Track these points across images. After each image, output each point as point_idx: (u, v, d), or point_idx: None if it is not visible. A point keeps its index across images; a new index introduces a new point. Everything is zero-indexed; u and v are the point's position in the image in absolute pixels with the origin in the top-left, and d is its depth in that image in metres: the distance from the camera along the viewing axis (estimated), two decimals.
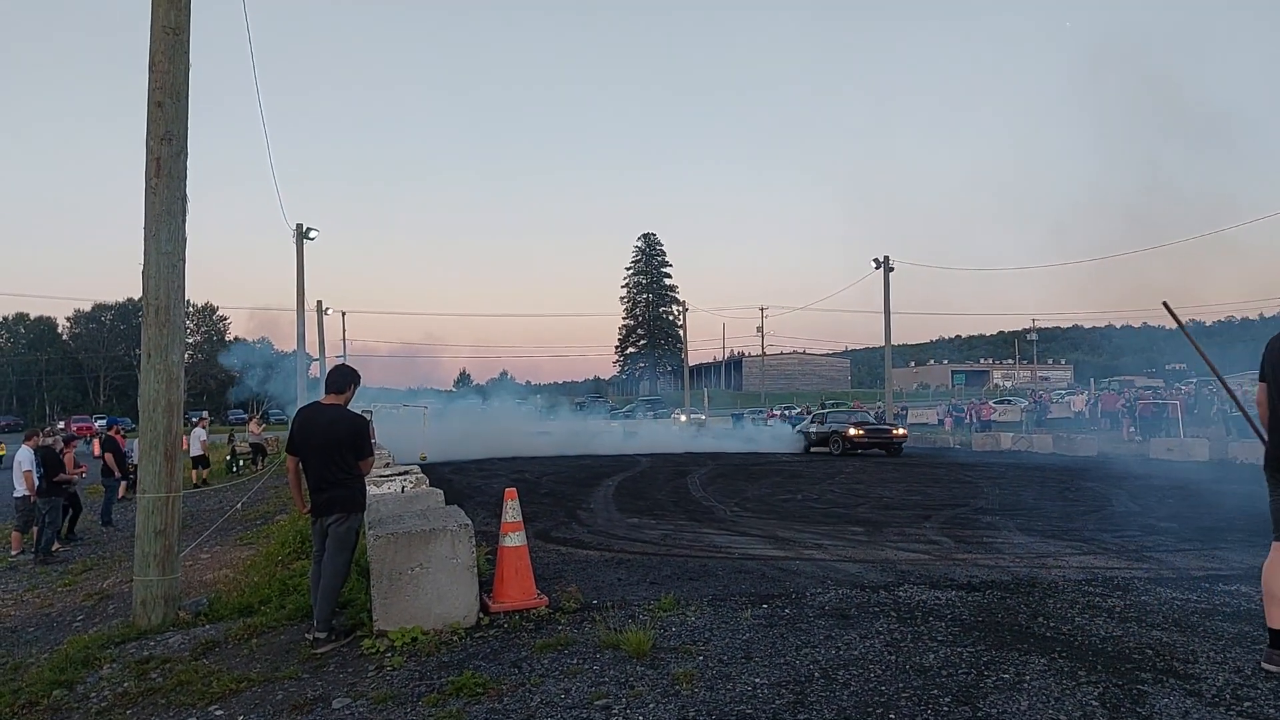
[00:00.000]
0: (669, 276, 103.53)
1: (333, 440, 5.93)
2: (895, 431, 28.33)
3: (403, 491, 8.72)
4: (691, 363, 78.43)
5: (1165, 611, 5.77)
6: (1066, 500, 13.03)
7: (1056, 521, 10.59)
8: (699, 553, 8.54)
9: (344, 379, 6.22)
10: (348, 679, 5.15)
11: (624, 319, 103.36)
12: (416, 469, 10.48)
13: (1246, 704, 4.01)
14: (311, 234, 34.73)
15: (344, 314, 53.45)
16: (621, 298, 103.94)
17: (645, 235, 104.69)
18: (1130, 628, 5.36)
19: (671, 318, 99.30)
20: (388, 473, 9.98)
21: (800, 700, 4.34)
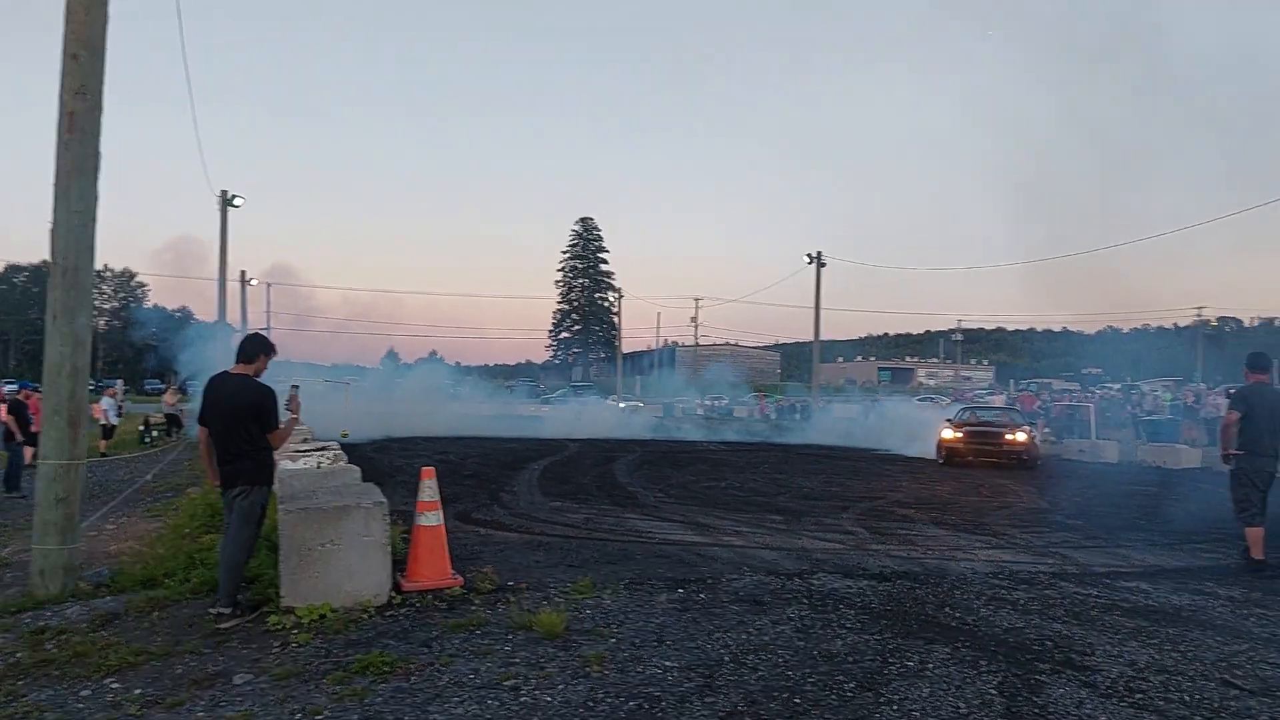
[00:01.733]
0: (605, 262, 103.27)
1: (238, 410, 5.78)
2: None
3: (318, 467, 8.53)
4: (625, 350, 78.47)
5: (1067, 605, 5.93)
6: (980, 496, 13.32)
7: (969, 516, 10.82)
8: (620, 537, 8.54)
9: (254, 348, 6.05)
10: (251, 655, 5.03)
11: (559, 303, 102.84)
12: (335, 445, 10.28)
13: (1138, 695, 4.13)
14: (236, 201, 33.87)
15: (269, 285, 52.14)
16: (557, 281, 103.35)
17: (583, 220, 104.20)
18: (1032, 620, 5.49)
19: (606, 304, 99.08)
20: (305, 448, 9.77)
21: (709, 684, 4.35)
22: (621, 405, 46.43)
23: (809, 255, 40.54)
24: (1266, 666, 4.58)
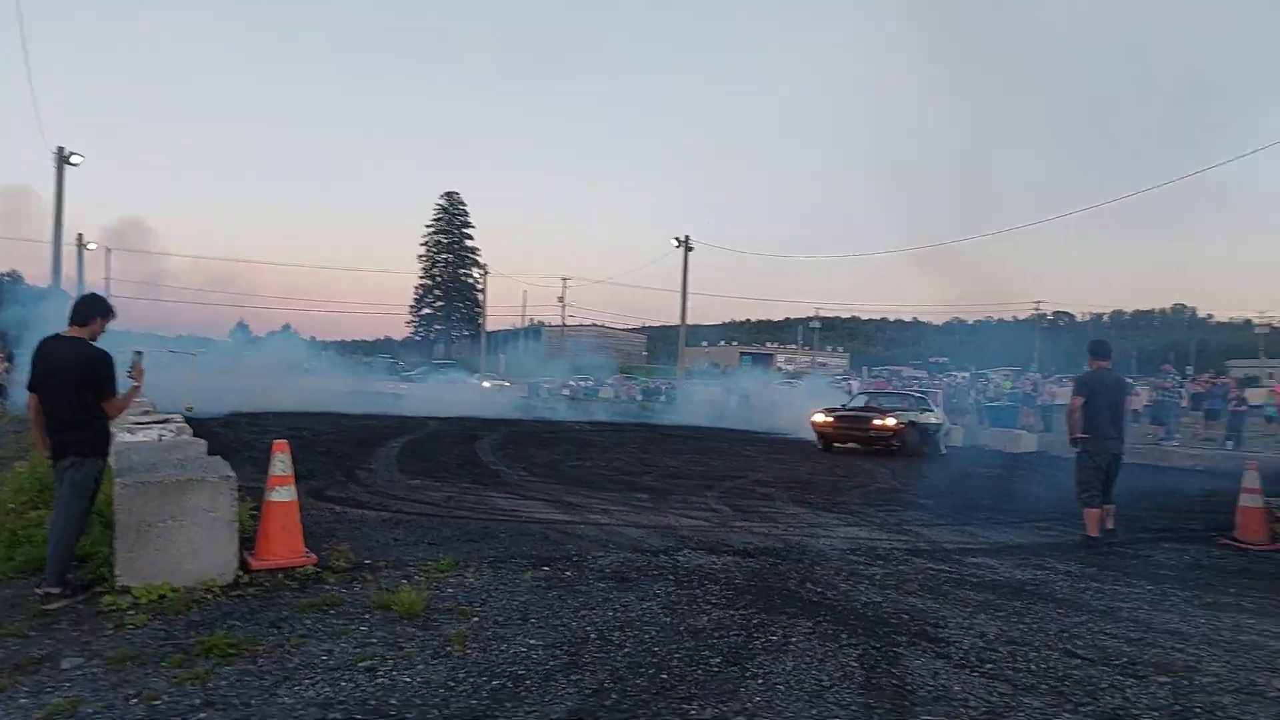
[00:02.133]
0: (471, 238, 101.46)
1: (71, 376, 5.34)
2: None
3: (160, 440, 8.03)
4: (490, 328, 77.51)
5: (920, 580, 6.12)
6: (836, 476, 13.71)
7: (826, 495, 11.10)
8: (482, 515, 8.36)
9: (89, 309, 5.60)
10: (81, 637, 4.66)
11: (421, 278, 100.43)
12: (178, 418, 9.70)
13: (989, 665, 4.27)
14: (74, 159, 31.67)
15: (109, 250, 48.97)
16: (420, 256, 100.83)
17: (448, 194, 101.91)
18: (889, 594, 5.64)
19: (471, 280, 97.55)
20: (145, 420, 9.18)
21: (574, 661, 4.28)
22: (486, 384, 45.88)
23: (677, 239, 40.90)
24: (1104, 637, 4.82)
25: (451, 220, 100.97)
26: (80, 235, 41.06)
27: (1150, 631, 4.97)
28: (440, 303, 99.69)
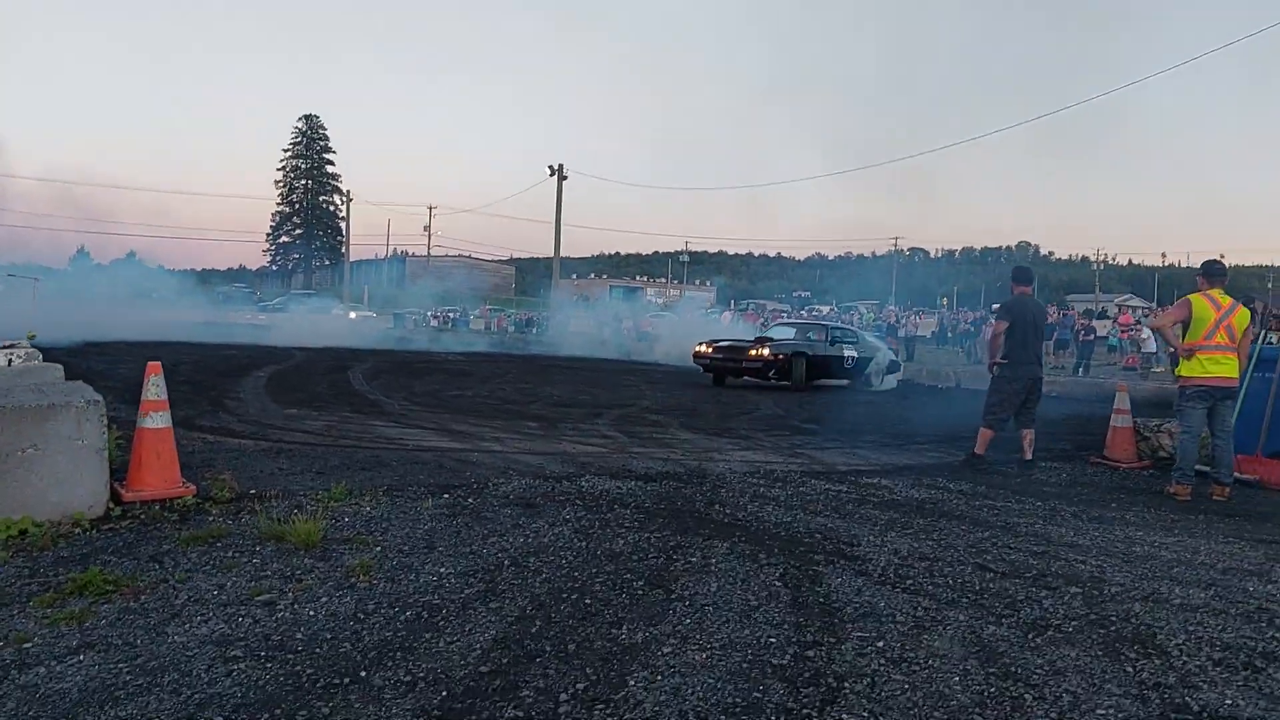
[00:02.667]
0: (332, 164, 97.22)
1: None
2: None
3: (9, 365, 7.31)
4: (354, 258, 74.87)
5: (824, 501, 6.16)
6: (721, 404, 13.81)
7: (715, 421, 11.15)
8: (369, 444, 8.00)
9: None
10: None
11: (279, 205, 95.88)
12: (26, 344, 8.89)
13: (909, 581, 4.29)
14: None
15: None
16: (277, 182, 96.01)
17: (307, 117, 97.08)
18: (797, 515, 5.64)
19: (332, 208, 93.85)
20: None
21: (491, 589, 4.09)
22: (352, 314, 44.44)
23: (550, 167, 40.21)
24: (1009, 551, 4.93)
25: (311, 144, 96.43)
26: None
27: (1051, 545, 5.11)
28: (299, 230, 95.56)
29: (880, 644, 3.49)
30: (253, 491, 5.68)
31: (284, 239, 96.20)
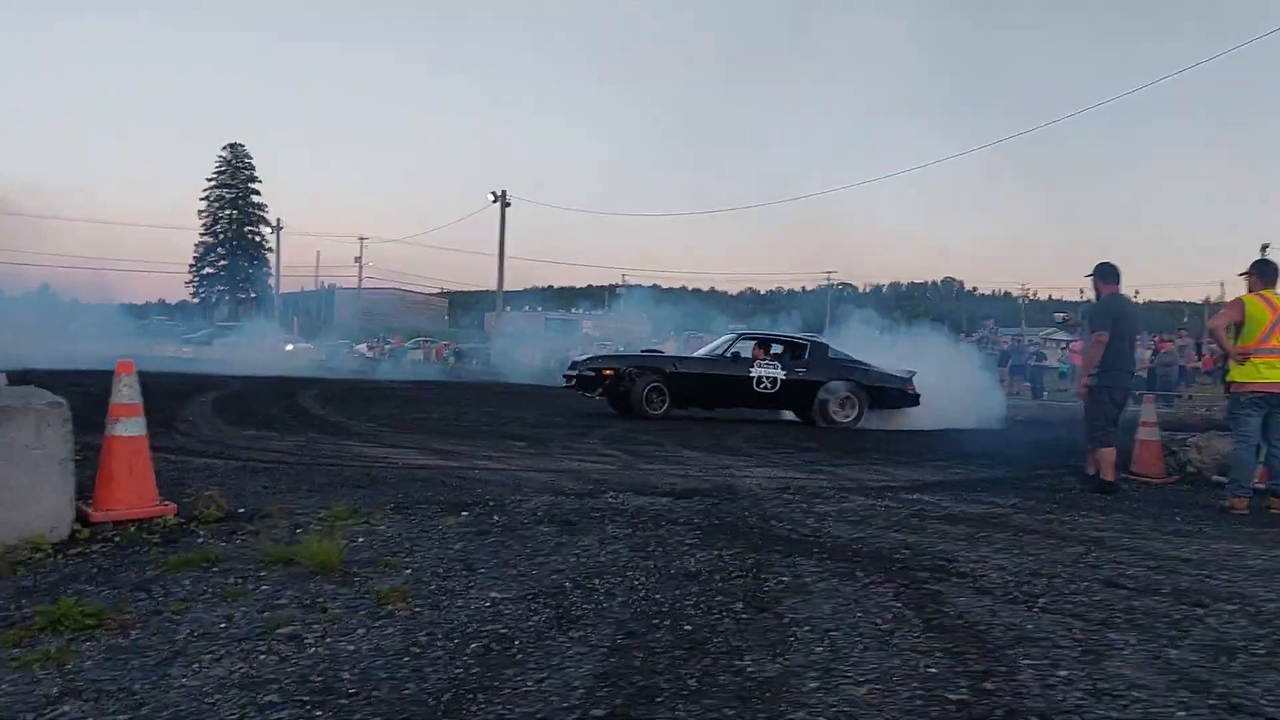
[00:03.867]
0: (258, 193, 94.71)
1: None
2: None
3: None
4: (282, 290, 72.84)
5: (883, 517, 5.57)
6: (712, 426, 13.08)
7: (711, 440, 10.50)
8: (353, 462, 7.21)
9: None
10: None
11: (202, 235, 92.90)
12: None
13: (1041, 600, 3.73)
14: None
15: None
16: (200, 211, 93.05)
17: (231, 145, 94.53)
18: (867, 531, 5.06)
19: (259, 239, 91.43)
20: None
21: (562, 616, 3.42)
22: (288, 346, 42.94)
23: (494, 193, 39.50)
24: (1122, 566, 4.40)
25: (236, 173, 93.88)
26: None
27: (1157, 559, 4.61)
28: (223, 262, 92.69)
29: (1062, 673, 2.90)
30: (242, 510, 4.90)
31: (207, 270, 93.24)
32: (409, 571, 3.96)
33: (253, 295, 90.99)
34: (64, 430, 4.32)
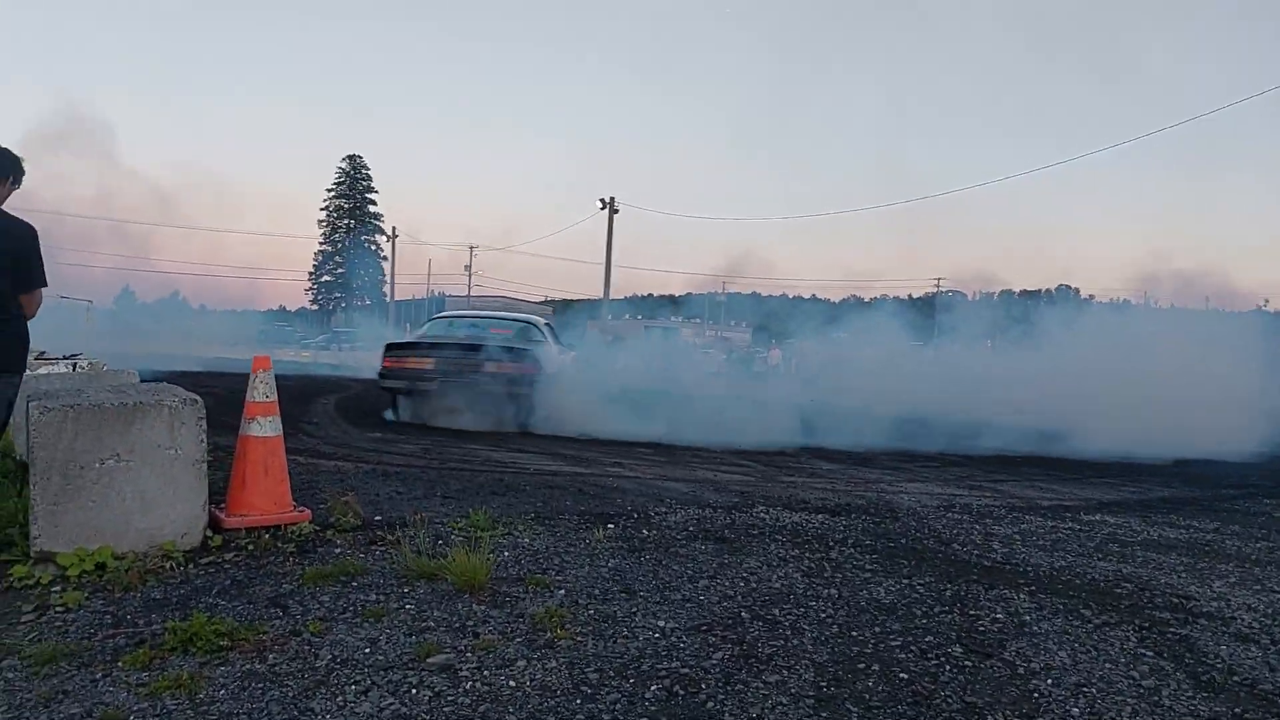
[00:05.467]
0: (374, 204, 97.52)
1: None
2: None
3: (74, 371, 6.32)
4: (396, 297, 74.60)
5: (1078, 542, 4.92)
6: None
7: (841, 449, 9.87)
8: (482, 467, 6.88)
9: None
10: None
11: (321, 244, 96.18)
12: (87, 356, 7.90)
13: None
14: None
15: None
16: (320, 221, 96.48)
17: (350, 157, 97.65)
18: (1071, 560, 4.43)
19: (375, 248, 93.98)
20: (49, 358, 7.40)
21: (747, 653, 2.95)
22: None
23: (602, 200, 39.47)
24: None
25: (354, 184, 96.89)
26: None
27: None
28: (341, 270, 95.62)
29: None
30: (379, 518, 4.58)
31: (325, 278, 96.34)
32: (562, 592, 3.55)
33: (367, 302, 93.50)
34: (198, 429, 4.05)
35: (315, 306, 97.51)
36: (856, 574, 3.89)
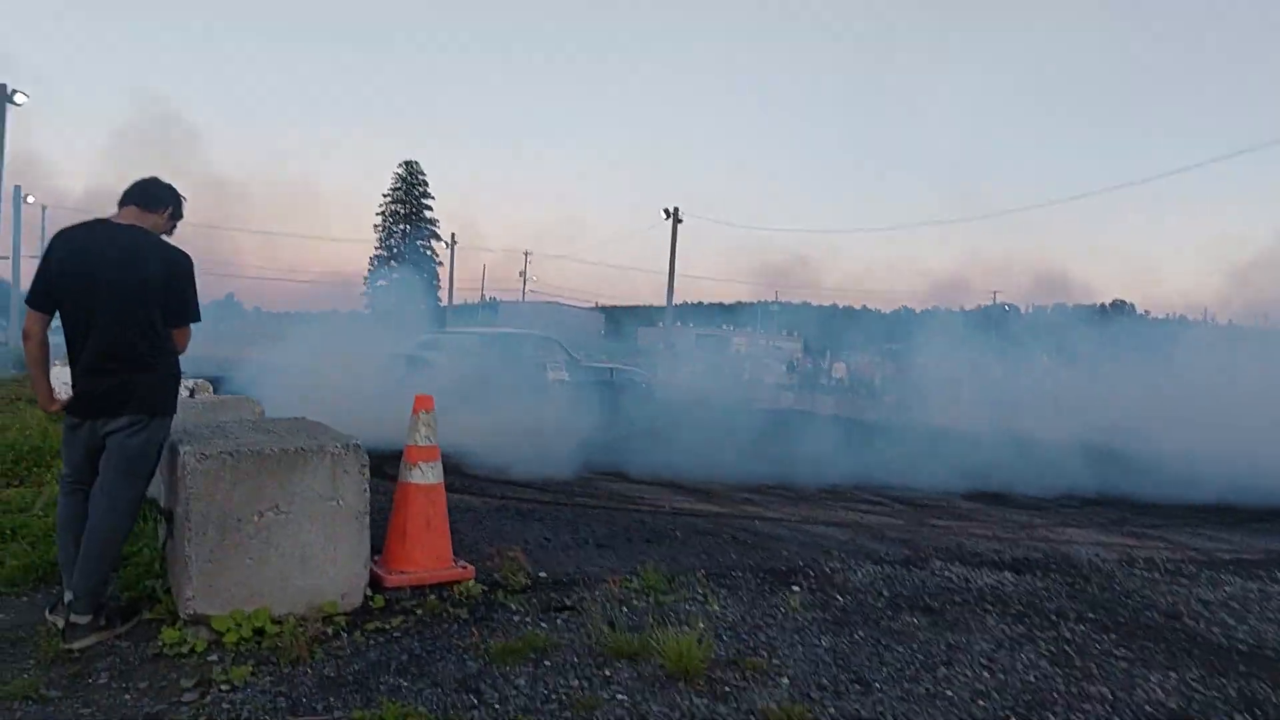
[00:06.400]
0: (430, 209, 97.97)
1: (133, 281, 3.37)
2: None
3: (192, 396, 6.01)
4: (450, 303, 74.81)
5: None
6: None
7: (968, 483, 9.21)
8: (615, 504, 6.45)
9: (159, 191, 3.62)
10: (138, 701, 2.81)
11: (377, 249, 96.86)
12: (198, 379, 7.61)
13: None
14: (16, 98, 28.47)
15: (44, 208, 45.16)
16: (376, 226, 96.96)
17: (407, 163, 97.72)
18: None
19: (430, 253, 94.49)
20: None
21: None
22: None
23: (666, 210, 39.00)
24: None
25: (410, 189, 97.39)
26: (18, 187, 37.51)
27: None
28: (396, 274, 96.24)
29: None
30: (544, 575, 4.16)
31: (381, 283, 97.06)
32: (786, 681, 3.10)
33: (421, 307, 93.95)
34: (361, 478, 3.68)
35: (369, 311, 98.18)
36: (1110, 663, 3.39)
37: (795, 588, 4.21)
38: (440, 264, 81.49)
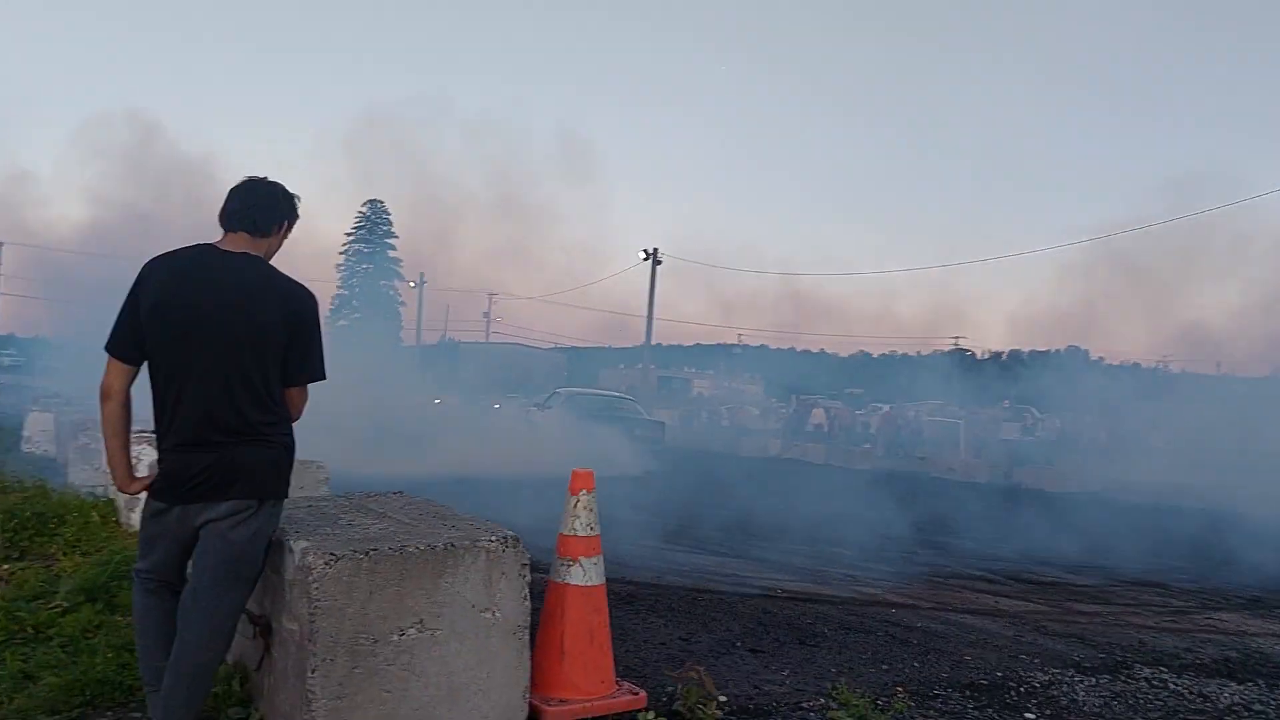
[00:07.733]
0: (394, 249, 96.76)
1: (250, 330, 2.56)
2: None
3: None
4: (409, 343, 73.51)
5: None
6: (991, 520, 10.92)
7: (1032, 550, 8.50)
8: (714, 584, 5.61)
9: (272, 205, 2.78)
10: None
11: (339, 288, 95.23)
12: None
13: None
14: None
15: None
16: (338, 265, 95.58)
17: (371, 202, 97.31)
18: None
19: (393, 293, 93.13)
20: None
21: None
22: (436, 400, 42.28)
23: (645, 251, 38.49)
24: None
25: (374, 229, 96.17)
26: None
27: None
28: (357, 315, 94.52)
29: None
30: (724, 699, 3.32)
31: (342, 323, 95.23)
32: None
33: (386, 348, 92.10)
34: (521, 581, 2.86)
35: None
36: None
37: (1008, 712, 3.42)
38: (403, 304, 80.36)
